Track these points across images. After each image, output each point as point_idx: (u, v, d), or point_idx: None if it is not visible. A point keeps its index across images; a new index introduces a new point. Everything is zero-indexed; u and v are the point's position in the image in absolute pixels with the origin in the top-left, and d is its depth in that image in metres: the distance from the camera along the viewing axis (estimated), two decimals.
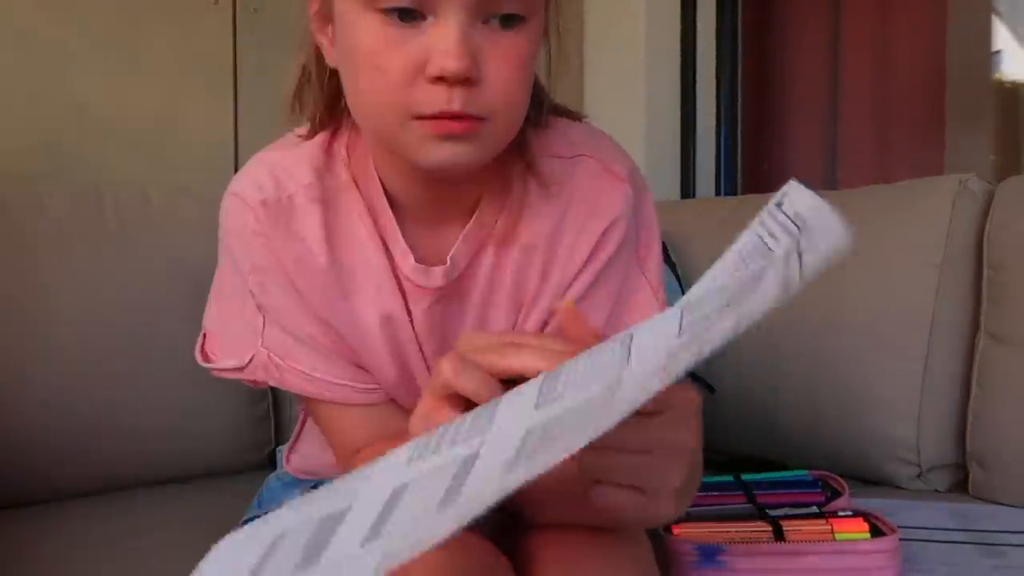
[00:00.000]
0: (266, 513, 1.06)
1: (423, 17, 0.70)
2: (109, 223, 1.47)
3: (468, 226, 0.85)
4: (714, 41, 2.37)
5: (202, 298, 1.50)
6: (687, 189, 2.34)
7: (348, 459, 0.88)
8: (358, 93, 0.75)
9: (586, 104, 2.40)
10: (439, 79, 0.69)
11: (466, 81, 0.69)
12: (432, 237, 0.86)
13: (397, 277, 0.86)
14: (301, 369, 0.86)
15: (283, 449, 1.11)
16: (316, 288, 0.84)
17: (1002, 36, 2.18)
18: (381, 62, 0.70)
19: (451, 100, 0.70)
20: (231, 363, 0.88)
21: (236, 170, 1.84)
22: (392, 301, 0.86)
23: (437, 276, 0.85)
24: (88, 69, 1.71)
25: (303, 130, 0.88)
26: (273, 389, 1.59)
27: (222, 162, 1.86)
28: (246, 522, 1.09)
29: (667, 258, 1.68)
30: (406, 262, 0.85)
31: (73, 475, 1.40)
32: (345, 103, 0.81)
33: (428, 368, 0.89)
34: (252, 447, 1.58)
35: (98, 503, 1.38)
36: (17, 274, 1.37)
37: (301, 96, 0.87)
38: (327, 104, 0.85)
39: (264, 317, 0.85)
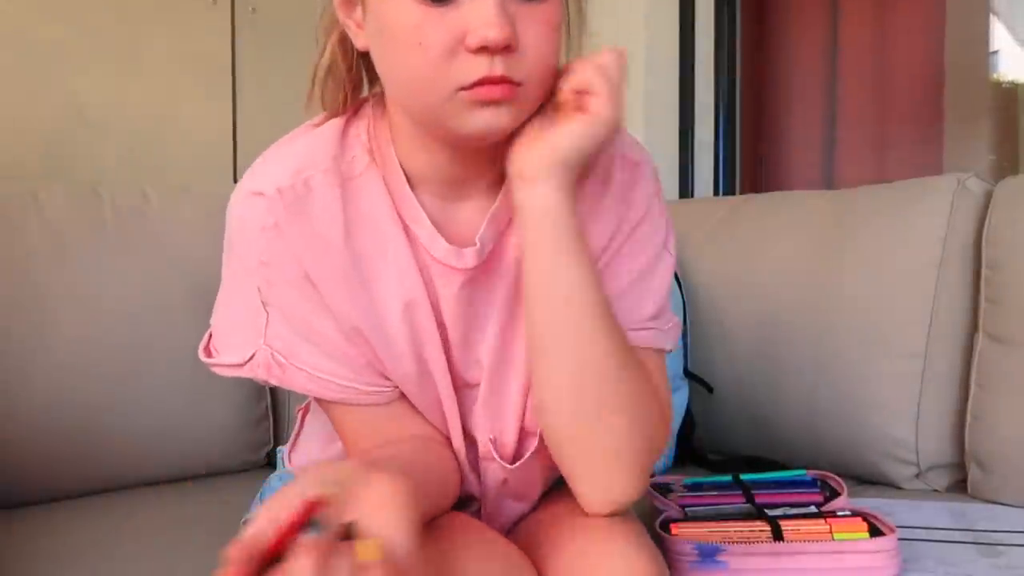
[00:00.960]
0: None
1: None
2: (107, 222, 1.47)
3: (494, 205, 0.86)
4: (712, 40, 2.37)
5: (200, 297, 1.50)
6: (685, 189, 2.34)
7: (360, 456, 0.87)
8: (398, 70, 0.78)
9: None
10: (481, 49, 0.72)
11: (506, 49, 0.73)
12: (454, 218, 0.87)
13: (419, 262, 0.85)
14: (305, 368, 0.84)
15: (283, 449, 1.11)
16: (334, 276, 0.83)
17: (1000, 36, 2.19)
18: (422, 38, 0.73)
19: (493, 66, 0.73)
20: (231, 359, 0.86)
21: (235, 169, 1.86)
22: (415, 287, 0.85)
23: (469, 257, 0.85)
24: (86, 69, 1.71)
25: (320, 118, 0.88)
26: (272, 389, 1.60)
27: (220, 161, 1.86)
28: (247, 522, 1.09)
29: None
30: (436, 244, 0.85)
31: (71, 475, 1.39)
32: (370, 86, 0.84)
33: (448, 358, 0.89)
34: (251, 447, 1.58)
35: (97, 503, 1.38)
36: (15, 274, 1.36)
37: (325, 83, 0.86)
38: (354, 87, 0.86)
39: (268, 314, 0.84)
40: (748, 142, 2.42)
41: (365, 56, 0.83)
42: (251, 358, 0.84)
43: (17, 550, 1.16)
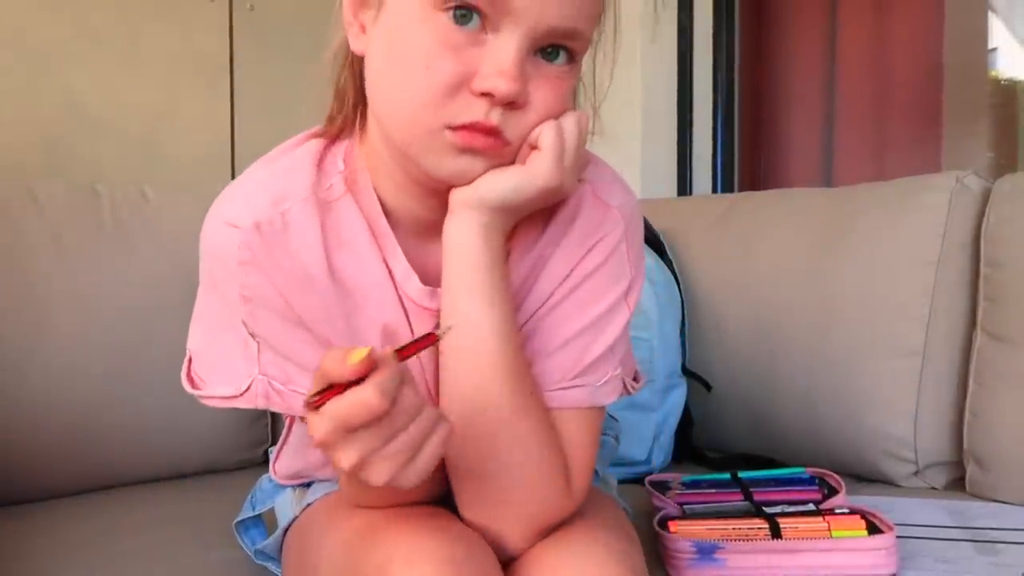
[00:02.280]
0: (259, 515, 1.06)
1: (485, 31, 0.71)
2: (105, 220, 1.47)
3: None
4: (710, 37, 2.37)
5: None
6: (684, 186, 2.34)
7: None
8: (394, 87, 0.75)
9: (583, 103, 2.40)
10: (486, 94, 0.71)
11: (510, 104, 0.72)
12: (428, 254, 0.85)
13: (398, 292, 0.84)
14: (304, 393, 0.80)
15: (273, 450, 1.11)
16: (316, 307, 0.80)
17: (998, 33, 2.18)
18: (432, 62, 0.71)
19: (489, 115, 0.72)
20: (225, 391, 0.83)
21: (233, 167, 1.86)
22: (394, 315, 0.84)
23: (441, 296, 0.83)
24: (85, 66, 1.71)
25: (299, 139, 0.85)
26: None
27: (219, 159, 1.86)
28: (240, 523, 1.09)
29: (663, 255, 1.68)
30: (410, 283, 0.83)
31: (69, 472, 1.39)
32: (361, 103, 0.81)
33: (428, 390, 0.87)
34: (247, 445, 1.58)
35: (94, 500, 1.38)
36: (14, 271, 1.36)
37: (339, 86, 0.84)
38: (349, 99, 0.83)
39: (258, 344, 0.81)
40: (746, 139, 2.42)
41: (360, 64, 0.81)
42: (248, 388, 0.82)
43: (14, 548, 1.16)
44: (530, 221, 0.86)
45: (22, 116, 1.64)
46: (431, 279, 0.84)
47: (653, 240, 1.69)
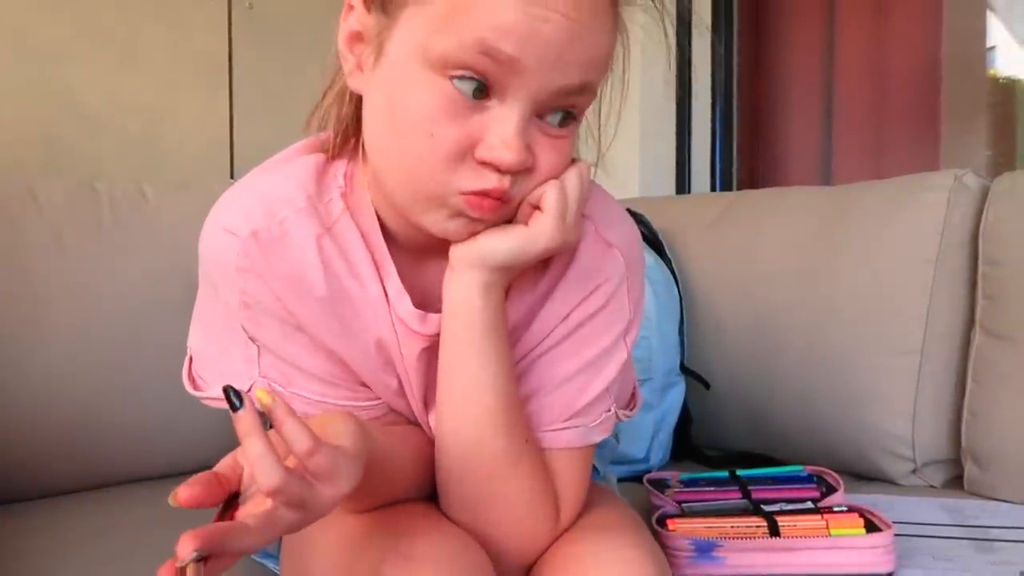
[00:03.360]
0: None
1: (489, 97, 0.70)
2: (104, 218, 1.47)
3: None
4: (709, 36, 2.37)
5: (197, 293, 1.50)
6: (682, 185, 2.34)
7: None
8: (397, 150, 0.73)
9: None
10: (486, 164, 0.70)
11: (521, 172, 0.72)
12: (427, 277, 0.84)
13: (390, 310, 0.84)
14: (303, 395, 0.82)
15: None
16: (313, 314, 0.81)
17: (997, 32, 2.18)
18: (436, 130, 0.69)
19: (501, 181, 0.71)
20: (211, 391, 0.85)
21: (232, 165, 1.86)
22: (386, 332, 0.84)
23: (433, 323, 0.83)
24: (83, 64, 1.70)
25: (294, 150, 0.85)
26: None
27: (217, 157, 1.86)
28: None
29: (662, 255, 1.68)
30: (402, 304, 0.83)
31: (67, 470, 1.39)
32: (358, 131, 0.80)
33: (422, 399, 0.88)
34: None
35: (92, 498, 1.38)
36: (12, 269, 1.36)
37: (320, 112, 0.84)
38: (345, 128, 0.82)
39: (258, 348, 0.81)
40: (745, 138, 2.42)
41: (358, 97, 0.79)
42: (249, 391, 0.80)
43: (13, 546, 1.16)
44: (529, 270, 0.85)
45: (21, 114, 1.64)
46: (424, 299, 0.84)
47: (652, 239, 1.69)
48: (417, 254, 0.84)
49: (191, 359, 0.88)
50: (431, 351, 0.84)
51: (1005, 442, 1.34)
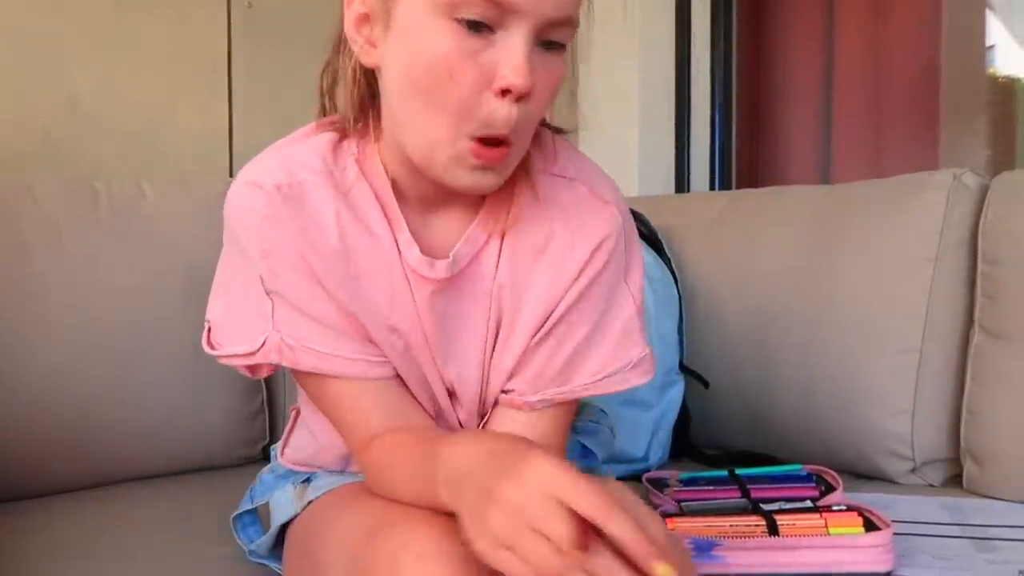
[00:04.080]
0: (257, 514, 1.06)
1: (492, 31, 0.76)
2: (103, 216, 1.47)
3: (471, 227, 0.91)
4: (708, 35, 2.37)
5: (196, 291, 1.49)
6: (681, 183, 2.34)
7: (364, 447, 0.88)
8: (415, 97, 0.79)
9: (581, 99, 2.40)
10: (504, 92, 0.76)
11: (526, 96, 0.77)
12: (433, 229, 0.91)
13: (403, 264, 0.89)
14: (315, 348, 0.87)
15: (277, 447, 1.11)
16: (329, 268, 0.86)
17: (996, 31, 2.18)
18: (455, 71, 0.76)
19: (508, 121, 0.77)
20: (240, 348, 0.88)
21: (231, 163, 1.86)
22: (399, 285, 0.89)
23: (441, 269, 0.89)
24: (82, 62, 1.70)
25: (311, 128, 0.91)
26: (267, 384, 1.60)
27: (216, 156, 1.86)
28: (238, 520, 1.10)
29: (661, 252, 1.68)
30: (411, 253, 0.88)
31: (66, 469, 1.39)
32: (372, 105, 0.87)
33: (431, 351, 0.92)
34: (246, 442, 1.58)
35: (92, 497, 1.38)
36: (10, 267, 1.36)
37: (332, 93, 0.90)
38: (361, 103, 0.88)
39: (273, 301, 0.86)
40: (744, 136, 2.42)
41: (369, 73, 0.86)
42: (263, 345, 0.86)
43: (12, 545, 1.16)
44: (533, 226, 0.91)
45: (20, 113, 1.64)
46: (430, 252, 0.90)
47: (651, 237, 1.69)
48: (424, 211, 0.90)
49: (209, 329, 0.91)
50: (443, 297, 0.90)
51: (1004, 441, 1.34)
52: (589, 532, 0.63)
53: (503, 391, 0.96)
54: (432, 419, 0.95)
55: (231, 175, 1.83)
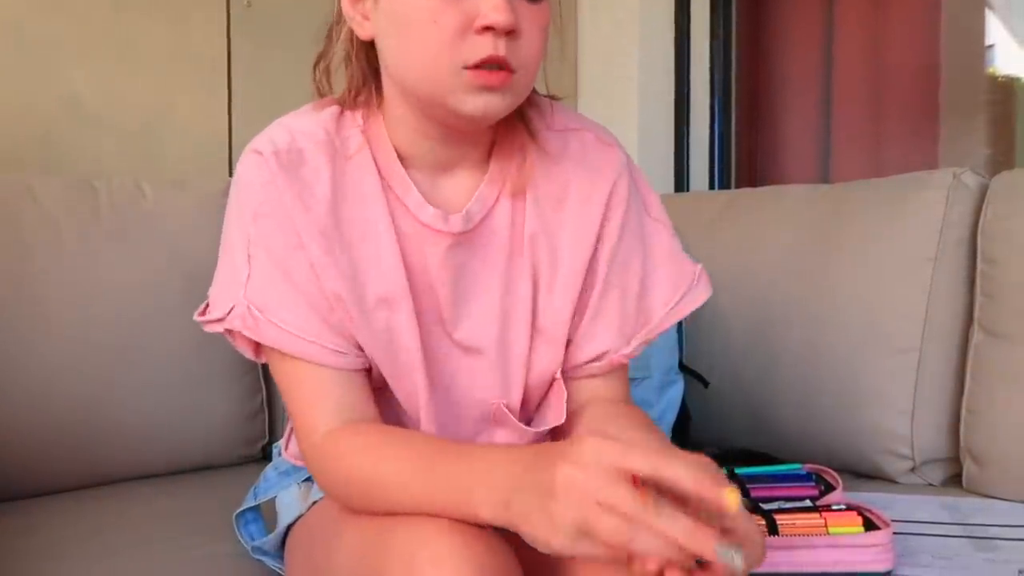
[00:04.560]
0: (259, 511, 1.06)
1: None
2: (103, 216, 1.47)
3: (483, 181, 0.94)
4: (708, 33, 2.37)
5: (195, 290, 1.48)
6: (681, 182, 2.34)
7: (316, 441, 0.87)
8: (411, 49, 0.84)
9: (580, 97, 2.40)
10: (487, 29, 0.81)
11: (509, 33, 0.82)
12: (443, 191, 0.93)
13: (401, 236, 0.91)
14: (277, 323, 0.87)
15: (279, 445, 1.11)
16: (319, 237, 0.88)
17: (995, 30, 2.18)
18: (437, 17, 0.81)
19: (497, 47, 0.81)
20: (215, 314, 0.90)
21: (230, 163, 1.86)
22: (391, 255, 0.90)
23: (455, 222, 0.91)
24: (81, 62, 1.70)
25: (320, 103, 0.94)
26: (267, 383, 1.59)
27: (216, 155, 1.86)
28: (240, 517, 1.10)
29: None
30: (424, 210, 0.91)
31: (66, 468, 1.39)
32: (374, 78, 0.91)
33: (440, 311, 0.93)
34: (246, 441, 1.58)
35: (91, 496, 1.38)
36: (10, 267, 1.36)
37: (327, 72, 0.94)
38: (363, 77, 0.92)
39: (251, 269, 0.88)
40: (744, 135, 2.42)
41: (367, 48, 0.90)
42: (230, 311, 0.88)
43: (11, 544, 1.16)
44: (549, 179, 0.95)
45: (19, 112, 1.64)
46: (444, 209, 0.92)
47: None
48: (433, 175, 0.93)
49: (207, 305, 0.93)
50: (460, 252, 0.92)
51: (1003, 440, 1.34)
52: (652, 491, 0.65)
53: (588, 362, 0.98)
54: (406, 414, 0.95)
55: (231, 174, 1.83)
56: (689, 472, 0.67)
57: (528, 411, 1.00)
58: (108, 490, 1.41)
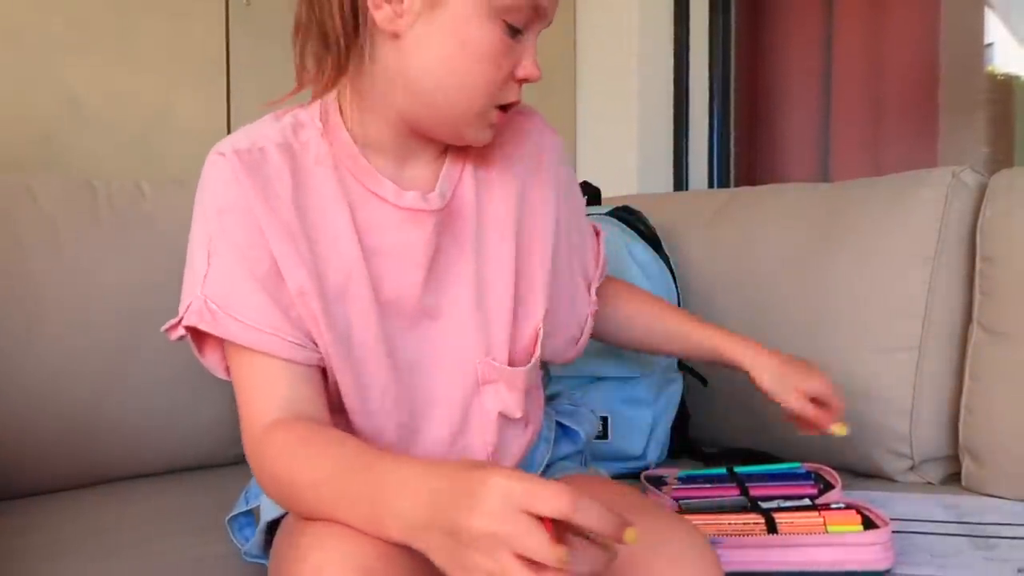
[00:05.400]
0: (252, 513, 1.06)
1: (522, 33, 0.91)
2: (102, 216, 1.47)
3: (444, 166, 0.99)
4: (707, 33, 2.37)
5: None
6: (680, 181, 2.34)
7: (256, 434, 0.87)
8: (457, 74, 0.90)
9: (579, 96, 2.40)
10: (523, 80, 0.92)
11: None
12: (410, 177, 0.98)
13: (358, 234, 0.93)
14: (238, 318, 0.88)
15: None
16: (282, 231, 0.90)
17: (995, 29, 2.19)
18: (499, 62, 0.90)
19: (519, 94, 0.94)
20: (173, 320, 0.92)
21: None
22: (350, 252, 0.93)
23: (435, 200, 0.96)
24: (80, 61, 1.70)
25: (281, 112, 0.99)
26: None
27: None
28: (234, 520, 1.09)
29: (660, 250, 1.68)
30: (402, 196, 0.95)
31: (63, 467, 1.39)
32: (346, 70, 0.93)
33: (418, 299, 0.96)
34: (242, 441, 1.58)
35: (88, 495, 1.38)
36: (8, 266, 1.36)
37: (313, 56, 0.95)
38: (340, 69, 0.93)
39: (210, 266, 0.89)
40: (743, 134, 2.42)
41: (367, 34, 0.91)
42: (187, 308, 0.90)
43: (7, 543, 1.16)
44: (507, 155, 1.03)
45: (18, 112, 1.64)
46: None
47: (649, 235, 1.69)
48: (399, 164, 0.97)
49: (181, 319, 0.93)
50: (438, 230, 0.96)
51: (1002, 439, 1.34)
52: (564, 530, 0.66)
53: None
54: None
55: None
56: (599, 520, 0.65)
57: (516, 365, 1.01)
58: (104, 489, 1.41)
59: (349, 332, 0.92)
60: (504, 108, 0.93)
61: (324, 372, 0.93)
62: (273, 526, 1.00)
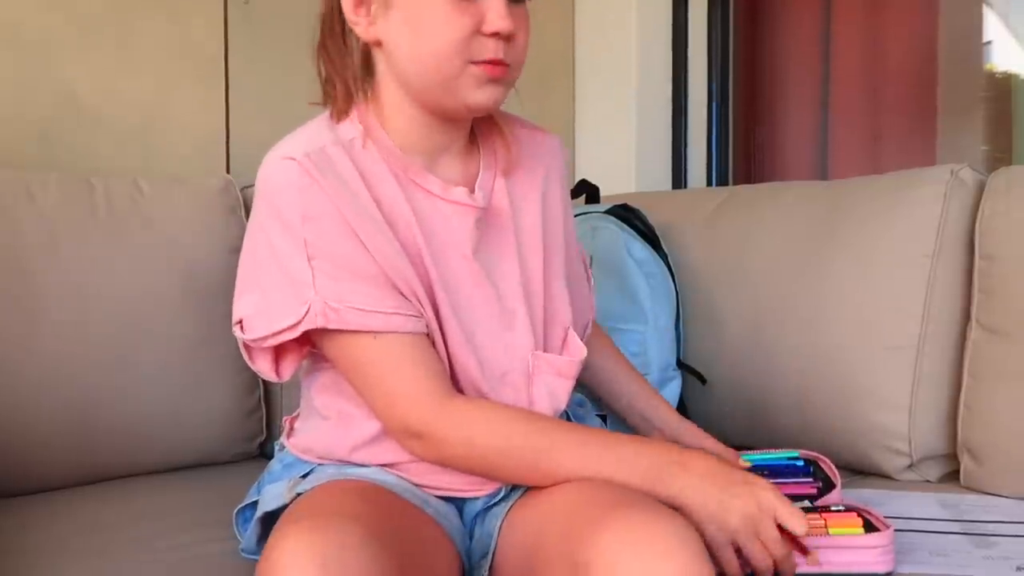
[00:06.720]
0: (256, 502, 1.06)
1: None
2: (100, 213, 1.46)
3: (481, 170, 1.07)
4: (705, 31, 2.37)
5: (193, 288, 1.49)
6: (679, 180, 2.34)
7: (432, 406, 0.96)
8: (424, 48, 0.97)
9: (578, 95, 2.40)
10: (494, 34, 0.95)
11: (508, 37, 0.96)
12: (440, 174, 1.04)
13: (415, 214, 1.00)
14: (357, 307, 0.94)
15: (279, 441, 1.12)
16: (366, 221, 0.96)
17: (993, 26, 2.19)
18: (453, 20, 0.94)
19: (498, 50, 0.96)
20: (285, 323, 0.95)
21: (227, 160, 1.85)
22: (408, 233, 0.99)
23: (479, 197, 1.04)
24: (78, 59, 1.70)
25: (326, 113, 1.04)
26: (265, 381, 1.59)
27: (213, 152, 1.85)
28: (241, 510, 1.10)
29: (658, 248, 1.68)
30: (449, 190, 1.03)
31: (64, 465, 1.39)
32: (363, 79, 1.02)
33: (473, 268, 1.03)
34: (243, 438, 1.58)
35: (89, 493, 1.38)
36: (7, 265, 1.36)
37: (332, 76, 1.04)
38: (363, 79, 1.02)
39: (313, 269, 0.94)
40: (741, 132, 2.42)
41: (366, 49, 1.02)
42: (307, 312, 0.94)
43: (8, 541, 1.16)
44: (527, 168, 1.11)
45: (16, 109, 1.63)
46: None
47: (648, 233, 1.69)
48: (431, 164, 1.04)
49: (240, 323, 1.00)
50: (481, 225, 1.04)
51: (1001, 437, 1.34)
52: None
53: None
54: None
55: (228, 172, 1.83)
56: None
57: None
58: (106, 487, 1.41)
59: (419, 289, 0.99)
60: (489, 65, 0.97)
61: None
62: (269, 523, 1.00)
